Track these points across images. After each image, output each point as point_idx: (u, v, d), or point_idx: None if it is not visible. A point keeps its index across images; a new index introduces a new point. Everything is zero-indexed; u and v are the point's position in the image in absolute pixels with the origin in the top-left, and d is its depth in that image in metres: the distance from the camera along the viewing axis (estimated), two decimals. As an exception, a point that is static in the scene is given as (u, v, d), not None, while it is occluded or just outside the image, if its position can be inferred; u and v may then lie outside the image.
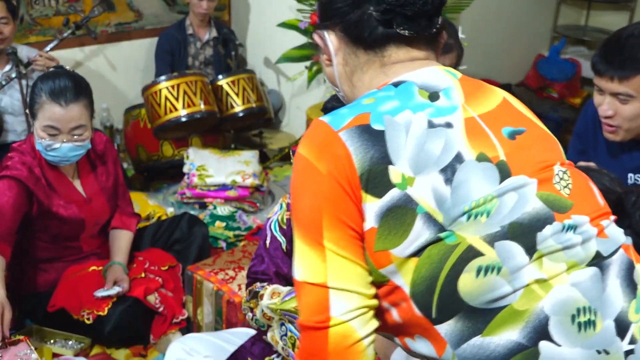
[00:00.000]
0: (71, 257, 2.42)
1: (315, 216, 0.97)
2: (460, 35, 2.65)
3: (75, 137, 2.20)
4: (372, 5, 1.03)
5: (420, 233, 0.94)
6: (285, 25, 3.71)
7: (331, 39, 1.10)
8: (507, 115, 1.05)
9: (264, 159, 3.93)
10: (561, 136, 3.78)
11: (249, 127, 4.06)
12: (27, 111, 2.24)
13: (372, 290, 0.98)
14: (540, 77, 4.55)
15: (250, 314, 1.67)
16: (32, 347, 1.91)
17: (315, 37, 1.13)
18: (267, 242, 1.73)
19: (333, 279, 0.95)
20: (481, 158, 0.97)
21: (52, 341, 2.31)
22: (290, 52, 3.73)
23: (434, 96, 1.01)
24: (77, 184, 2.38)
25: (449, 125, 0.98)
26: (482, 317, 0.94)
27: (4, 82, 3.08)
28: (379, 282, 0.99)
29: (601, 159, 1.95)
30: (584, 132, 2.08)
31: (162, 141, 3.71)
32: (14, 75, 3.04)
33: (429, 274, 0.94)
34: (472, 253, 0.93)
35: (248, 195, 3.47)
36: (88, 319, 2.25)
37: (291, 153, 1.70)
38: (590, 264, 0.97)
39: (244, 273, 2.33)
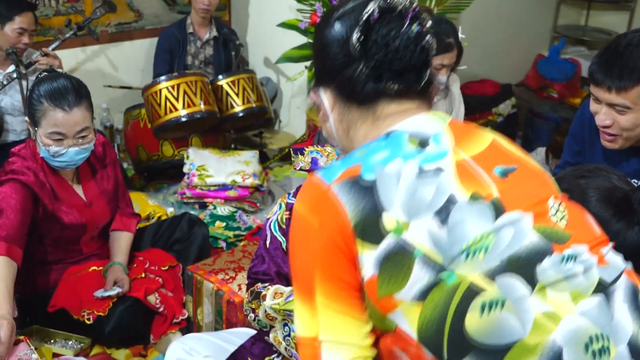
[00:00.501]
0: (71, 259, 2.42)
1: (309, 271, 0.99)
2: (460, 35, 2.65)
3: (80, 140, 2.19)
4: (363, 62, 1.06)
5: (420, 275, 0.95)
6: (285, 25, 3.71)
7: (326, 97, 1.13)
8: (498, 155, 1.07)
9: (264, 159, 3.93)
10: (560, 136, 3.78)
11: (249, 127, 4.05)
12: (27, 119, 2.22)
13: (367, 341, 0.99)
14: (540, 77, 4.54)
15: (252, 315, 1.67)
16: (32, 347, 1.91)
17: (312, 95, 1.17)
18: (267, 242, 1.73)
19: (325, 331, 0.98)
20: (475, 197, 0.99)
21: (52, 341, 2.31)
22: (290, 52, 3.73)
23: (423, 143, 1.04)
24: (78, 189, 2.37)
25: (439, 169, 1.00)
26: (493, 355, 0.93)
27: (5, 82, 3.08)
28: (386, 330, 0.99)
29: (597, 162, 1.94)
30: (580, 133, 2.06)
31: (162, 141, 3.71)
32: (15, 75, 3.04)
33: (434, 317, 0.94)
34: (474, 291, 0.94)
35: (248, 195, 3.47)
36: (88, 319, 2.25)
37: (292, 152, 1.70)
38: (595, 292, 0.98)
39: (244, 273, 2.33)
